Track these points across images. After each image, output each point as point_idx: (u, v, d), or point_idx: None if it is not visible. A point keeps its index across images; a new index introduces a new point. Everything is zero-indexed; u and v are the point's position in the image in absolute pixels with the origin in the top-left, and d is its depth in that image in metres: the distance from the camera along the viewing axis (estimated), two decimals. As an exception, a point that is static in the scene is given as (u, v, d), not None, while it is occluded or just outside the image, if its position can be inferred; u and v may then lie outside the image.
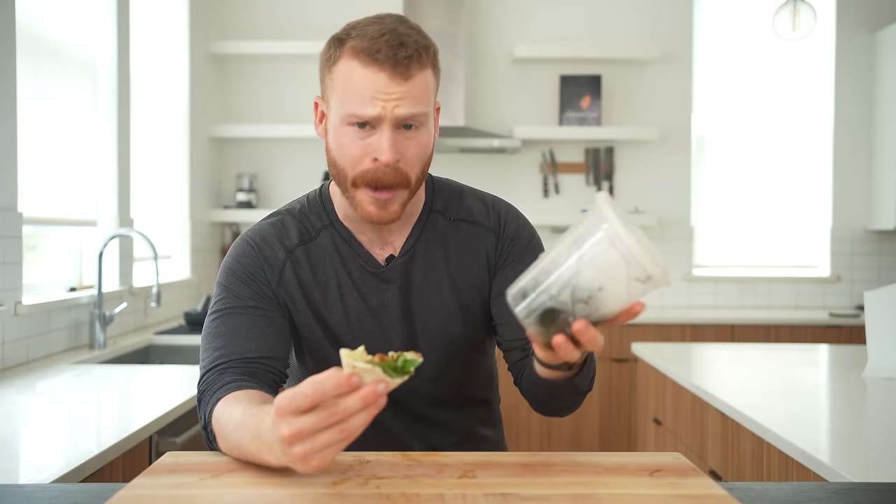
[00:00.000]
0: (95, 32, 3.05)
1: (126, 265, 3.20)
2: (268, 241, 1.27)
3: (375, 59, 1.12)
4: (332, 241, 1.28)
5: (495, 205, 1.35)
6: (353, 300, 1.27)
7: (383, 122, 1.13)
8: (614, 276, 0.89)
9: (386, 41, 1.12)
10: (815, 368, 2.64)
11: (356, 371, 0.86)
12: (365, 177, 1.16)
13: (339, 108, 1.16)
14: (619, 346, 4.06)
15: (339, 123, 1.16)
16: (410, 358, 0.89)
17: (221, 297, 1.24)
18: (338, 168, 1.19)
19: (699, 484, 0.96)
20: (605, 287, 0.90)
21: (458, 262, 1.30)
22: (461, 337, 1.30)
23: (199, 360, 1.21)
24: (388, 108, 1.13)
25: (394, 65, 1.12)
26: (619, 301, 0.91)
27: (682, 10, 4.63)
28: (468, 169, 4.59)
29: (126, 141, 3.20)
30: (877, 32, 4.58)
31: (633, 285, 0.89)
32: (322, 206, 1.30)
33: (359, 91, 1.13)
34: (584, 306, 0.91)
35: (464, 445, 1.33)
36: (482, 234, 1.31)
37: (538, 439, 4.07)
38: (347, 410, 0.84)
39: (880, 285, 4.56)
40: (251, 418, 0.98)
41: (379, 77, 1.12)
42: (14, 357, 2.40)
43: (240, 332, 1.20)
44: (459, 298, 1.29)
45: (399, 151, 1.15)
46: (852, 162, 4.65)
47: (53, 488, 1.03)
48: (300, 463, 0.87)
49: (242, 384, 1.12)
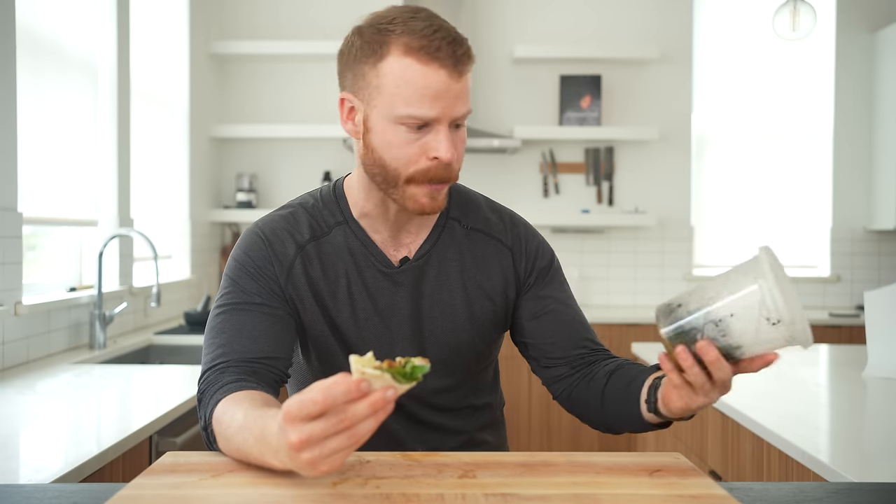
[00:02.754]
0: (95, 32, 3.05)
1: (126, 265, 3.20)
2: (278, 235, 1.25)
3: (436, 57, 1.10)
4: (344, 239, 1.26)
5: (513, 220, 1.34)
6: (362, 300, 1.25)
7: (441, 122, 1.12)
8: (748, 315, 0.94)
9: (442, 38, 1.11)
10: (815, 368, 2.64)
11: (365, 377, 0.85)
12: (426, 174, 1.14)
13: (390, 107, 1.12)
14: (619, 346, 4.06)
15: (388, 123, 1.13)
16: (419, 364, 0.89)
17: (228, 291, 1.22)
18: (387, 167, 1.15)
19: (699, 484, 0.96)
20: (735, 314, 0.94)
21: (472, 272, 1.29)
22: (468, 345, 1.29)
23: (202, 356, 1.20)
24: (448, 109, 1.11)
25: (454, 63, 1.11)
26: (746, 335, 0.95)
27: (682, 10, 4.63)
28: (468, 169, 4.59)
29: (126, 141, 3.20)
30: (877, 32, 4.58)
31: (762, 325, 0.94)
32: (336, 202, 1.28)
33: (418, 90, 1.10)
34: (713, 327, 0.96)
35: (465, 450, 1.32)
36: (498, 249, 1.30)
37: (538, 439, 4.07)
38: (357, 416, 0.84)
39: (880, 285, 4.56)
40: (254, 421, 0.98)
41: (440, 76, 1.10)
42: (14, 357, 2.40)
43: (244, 331, 1.18)
44: (470, 307, 1.28)
45: (453, 148, 1.15)
46: (852, 162, 4.65)
47: (53, 488, 1.03)
48: (308, 468, 0.86)
49: (243, 384, 1.11)
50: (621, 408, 1.20)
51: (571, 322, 1.31)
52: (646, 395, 1.14)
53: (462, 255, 1.29)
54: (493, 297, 1.30)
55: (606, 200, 4.63)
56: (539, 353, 1.31)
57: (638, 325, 4.05)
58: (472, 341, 1.29)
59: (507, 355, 4.02)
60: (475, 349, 1.30)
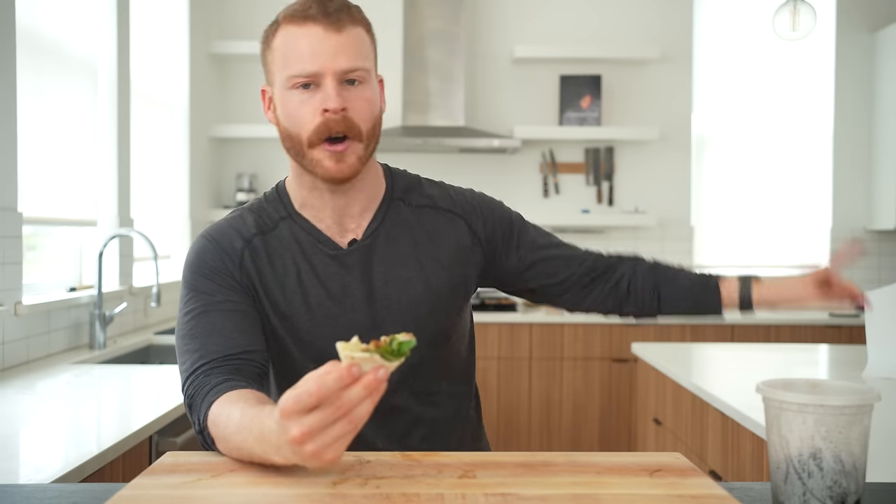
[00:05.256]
0: (95, 32, 3.05)
1: (126, 265, 3.20)
2: (225, 233, 1.26)
3: (307, 15, 1.17)
4: (290, 231, 1.27)
5: (457, 190, 1.38)
6: (313, 286, 1.25)
7: (325, 77, 1.17)
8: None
9: (314, 4, 1.18)
10: (815, 368, 2.64)
11: (355, 361, 0.86)
12: (319, 131, 1.17)
13: (282, 75, 1.19)
14: (619, 346, 4.06)
15: (284, 91, 1.19)
16: (404, 340, 0.89)
17: (190, 297, 1.22)
18: (291, 136, 1.20)
19: (699, 484, 0.96)
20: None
21: (426, 246, 1.29)
22: (428, 318, 1.28)
23: (179, 364, 1.19)
24: (327, 62, 1.16)
25: (325, 16, 1.17)
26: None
27: (682, 10, 4.63)
28: (468, 169, 4.60)
29: (126, 141, 3.20)
30: (877, 32, 4.58)
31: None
32: (279, 199, 1.30)
33: (298, 51, 1.17)
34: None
35: (433, 441, 1.30)
36: (448, 219, 1.33)
37: (538, 439, 4.07)
38: (353, 401, 0.84)
39: (880, 285, 4.56)
40: (251, 420, 0.98)
41: (314, 32, 1.17)
42: (14, 357, 2.40)
43: (215, 330, 1.18)
44: (427, 281, 1.28)
45: (346, 101, 1.17)
46: (852, 162, 4.66)
47: (53, 488, 1.03)
48: (313, 460, 0.87)
49: (232, 384, 1.11)
50: (680, 304, 1.40)
51: (563, 256, 1.39)
52: (738, 295, 1.36)
53: (413, 232, 1.30)
54: (451, 267, 1.31)
55: (606, 200, 4.63)
56: (549, 292, 1.40)
57: (638, 325, 4.05)
58: (432, 314, 1.28)
59: (507, 355, 4.05)
60: (437, 322, 1.29)
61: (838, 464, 0.87)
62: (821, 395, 0.88)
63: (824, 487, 0.87)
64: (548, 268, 1.38)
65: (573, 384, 4.08)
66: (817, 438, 0.87)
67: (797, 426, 0.88)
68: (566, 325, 4.07)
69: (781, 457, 0.89)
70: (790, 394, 0.88)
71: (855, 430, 0.87)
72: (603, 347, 4.07)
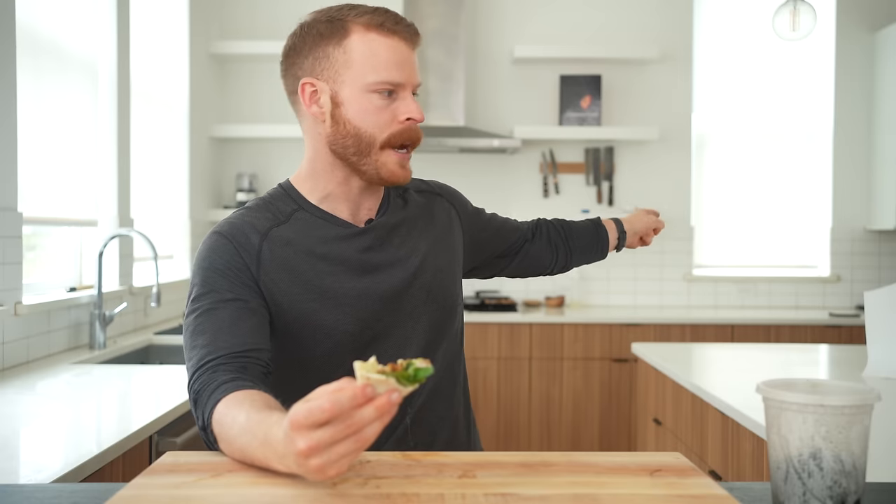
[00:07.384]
0: (95, 32, 3.05)
1: (126, 265, 3.20)
2: (239, 229, 1.26)
3: (395, 30, 1.24)
4: (305, 220, 1.30)
5: (422, 179, 1.49)
6: (342, 262, 1.28)
7: (406, 88, 1.25)
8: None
9: (393, 17, 1.25)
10: (816, 368, 2.64)
11: (370, 382, 0.86)
12: (400, 136, 1.25)
13: (361, 77, 1.23)
14: (619, 346, 4.06)
15: (361, 93, 1.23)
16: (421, 367, 0.90)
17: (199, 294, 1.22)
18: (361, 136, 1.25)
19: (699, 484, 0.96)
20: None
21: (427, 225, 1.40)
22: (451, 285, 1.39)
23: (186, 360, 1.19)
24: (411, 75, 1.26)
25: (409, 36, 1.26)
26: None
27: (682, 10, 4.63)
28: (468, 169, 4.60)
29: (126, 141, 3.21)
30: (877, 32, 4.58)
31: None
32: (287, 195, 1.32)
33: (385, 59, 1.23)
34: None
35: (433, 403, 1.34)
36: (432, 200, 1.45)
37: (538, 439, 4.08)
38: (363, 421, 0.85)
39: (880, 285, 4.56)
40: (257, 424, 0.98)
41: (399, 45, 1.24)
42: (14, 357, 2.40)
43: (223, 327, 1.18)
44: (436, 253, 1.38)
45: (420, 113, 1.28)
46: (852, 162, 4.66)
47: (53, 488, 1.03)
48: (316, 474, 0.87)
49: (239, 383, 1.11)
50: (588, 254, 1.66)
51: (508, 226, 1.59)
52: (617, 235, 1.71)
53: (412, 212, 1.40)
54: (448, 240, 1.43)
55: (606, 200, 4.63)
56: (500, 263, 1.59)
57: (638, 325, 4.05)
58: (446, 282, 1.38)
59: (506, 355, 4.05)
60: (450, 289, 1.39)
61: (838, 464, 0.87)
62: (821, 395, 0.88)
63: (824, 487, 0.87)
64: (500, 239, 1.55)
65: (573, 384, 4.08)
66: (817, 438, 0.87)
67: (797, 426, 0.88)
68: (566, 325, 4.07)
69: (781, 457, 0.90)
70: (790, 394, 0.88)
71: (855, 430, 0.87)
72: (603, 347, 4.08)
